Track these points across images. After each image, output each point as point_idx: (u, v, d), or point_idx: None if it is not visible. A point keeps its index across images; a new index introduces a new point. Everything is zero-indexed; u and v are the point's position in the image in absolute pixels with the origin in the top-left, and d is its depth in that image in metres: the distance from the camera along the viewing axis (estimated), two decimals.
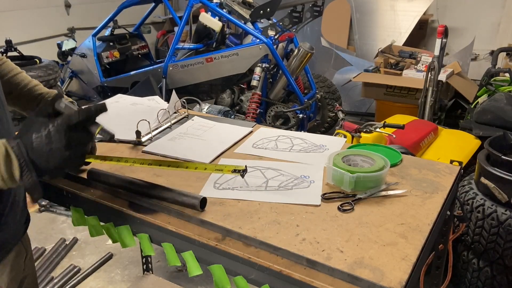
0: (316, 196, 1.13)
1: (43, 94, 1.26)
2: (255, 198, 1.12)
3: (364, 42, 5.44)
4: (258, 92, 3.76)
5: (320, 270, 0.87)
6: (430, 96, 3.53)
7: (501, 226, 2.01)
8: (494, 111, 2.87)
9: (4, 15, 5.00)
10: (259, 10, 3.85)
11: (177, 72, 4.05)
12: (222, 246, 0.96)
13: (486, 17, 5.15)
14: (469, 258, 2.19)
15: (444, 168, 1.29)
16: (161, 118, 1.60)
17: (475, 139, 2.84)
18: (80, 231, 2.98)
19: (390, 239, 0.95)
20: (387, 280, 0.83)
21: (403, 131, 2.37)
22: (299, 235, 0.97)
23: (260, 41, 3.72)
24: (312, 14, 4.15)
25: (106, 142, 1.47)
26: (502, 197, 2.02)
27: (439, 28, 3.37)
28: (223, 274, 0.97)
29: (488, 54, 5.11)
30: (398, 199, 1.12)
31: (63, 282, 2.50)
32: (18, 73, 1.22)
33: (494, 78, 3.56)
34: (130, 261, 2.72)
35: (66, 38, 5.62)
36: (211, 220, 1.02)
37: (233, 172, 1.05)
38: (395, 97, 4.27)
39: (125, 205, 1.11)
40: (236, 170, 1.04)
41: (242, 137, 1.51)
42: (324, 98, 4.33)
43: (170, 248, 1.05)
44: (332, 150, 1.39)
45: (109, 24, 4.64)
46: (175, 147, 1.43)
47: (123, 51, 4.75)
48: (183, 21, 4.04)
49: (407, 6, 5.17)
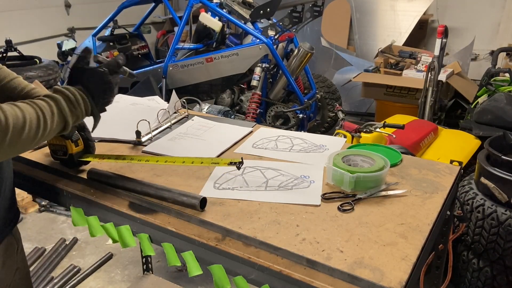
0: (316, 196, 1.13)
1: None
2: (255, 198, 1.12)
3: (364, 42, 5.44)
4: (258, 92, 3.76)
5: (320, 270, 0.87)
6: (430, 96, 3.53)
7: (501, 226, 2.01)
8: (494, 111, 2.87)
9: (4, 15, 5.00)
10: (259, 10, 3.85)
11: (177, 72, 4.05)
12: (222, 246, 0.96)
13: (486, 17, 5.15)
14: (469, 258, 2.19)
15: (444, 168, 1.29)
16: (161, 118, 1.60)
17: (475, 139, 2.84)
18: (80, 231, 2.98)
19: (390, 239, 0.95)
20: (387, 280, 0.83)
21: (403, 131, 2.36)
22: (299, 235, 0.97)
23: (260, 41, 3.72)
24: (312, 14, 4.14)
25: (106, 142, 1.48)
26: (502, 197, 2.02)
27: (439, 28, 3.36)
28: (223, 274, 0.97)
29: (488, 54, 5.11)
30: (398, 199, 1.12)
31: (63, 282, 2.50)
32: (14, 78, 1.23)
33: (494, 78, 3.56)
34: (130, 261, 2.72)
35: (66, 38, 5.61)
36: (211, 220, 1.02)
37: (230, 165, 1.06)
38: (395, 97, 4.27)
39: (125, 205, 1.11)
40: (233, 163, 1.06)
41: (242, 137, 1.51)
42: (324, 98, 4.33)
43: (170, 248, 1.05)
44: (332, 150, 1.39)
45: (109, 24, 4.63)
46: (175, 147, 1.43)
47: (123, 51, 4.74)
48: (183, 21, 4.04)
49: (407, 6, 5.17)
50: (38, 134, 0.95)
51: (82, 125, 1.27)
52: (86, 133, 1.28)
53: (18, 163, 1.35)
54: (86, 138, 1.28)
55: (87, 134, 1.28)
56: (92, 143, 1.30)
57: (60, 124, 1.02)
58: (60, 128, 1.03)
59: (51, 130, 1.00)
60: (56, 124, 1.01)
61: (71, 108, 1.04)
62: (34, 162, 1.32)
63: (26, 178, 1.30)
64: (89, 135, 1.29)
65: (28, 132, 0.92)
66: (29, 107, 0.95)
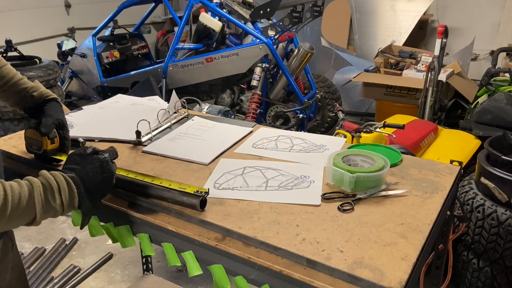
0: (316, 196, 1.13)
1: (27, 89, 1.26)
2: (255, 198, 1.12)
3: (364, 42, 5.44)
4: (258, 92, 3.76)
5: (320, 270, 0.87)
6: (430, 96, 3.53)
7: (501, 226, 2.01)
8: (494, 111, 2.87)
9: (4, 15, 5.00)
10: (259, 10, 3.85)
11: (177, 72, 4.05)
12: (222, 246, 0.96)
13: (486, 17, 5.15)
14: (469, 258, 2.19)
15: (444, 168, 1.29)
16: (161, 118, 1.60)
17: (475, 139, 2.84)
18: (80, 231, 2.98)
19: (390, 239, 0.95)
20: (387, 280, 0.83)
21: (403, 131, 2.36)
22: (299, 235, 0.97)
23: (260, 41, 3.72)
24: (312, 14, 4.14)
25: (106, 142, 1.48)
26: (502, 197, 2.02)
27: (439, 28, 3.36)
28: (223, 274, 0.97)
29: (488, 54, 5.11)
30: (398, 199, 1.12)
31: (63, 282, 2.50)
32: (3, 66, 1.23)
33: (494, 78, 3.55)
34: (130, 261, 2.72)
35: (66, 38, 5.61)
36: (211, 220, 1.02)
37: (195, 193, 1.05)
38: (395, 97, 4.27)
39: (125, 205, 1.11)
40: (199, 191, 1.05)
41: (242, 137, 1.51)
42: (324, 98, 4.33)
43: (170, 248, 1.05)
44: (332, 150, 1.39)
45: (109, 24, 4.63)
46: (175, 147, 1.43)
47: (123, 51, 4.75)
48: (183, 21, 4.04)
49: (407, 6, 5.17)
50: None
51: (61, 123, 1.27)
52: (65, 132, 1.28)
53: (15, 162, 1.35)
54: (63, 137, 1.28)
55: (65, 133, 1.28)
56: (68, 143, 1.30)
57: (26, 215, 0.87)
58: (27, 220, 0.88)
59: (11, 220, 0.85)
60: (20, 213, 0.86)
61: (47, 199, 0.90)
62: (33, 162, 1.32)
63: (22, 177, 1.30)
64: (66, 135, 1.29)
65: None
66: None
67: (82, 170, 0.97)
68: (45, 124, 1.22)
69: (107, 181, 1.00)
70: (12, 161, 1.37)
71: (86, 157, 1.00)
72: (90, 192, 0.97)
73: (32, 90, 1.27)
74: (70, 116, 1.65)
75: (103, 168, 0.99)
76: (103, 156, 1.00)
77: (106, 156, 1.01)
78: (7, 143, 1.46)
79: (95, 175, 0.98)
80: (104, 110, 1.74)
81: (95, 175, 0.98)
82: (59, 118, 1.25)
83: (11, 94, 1.26)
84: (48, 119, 1.22)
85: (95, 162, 0.99)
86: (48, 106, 1.26)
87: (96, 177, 0.98)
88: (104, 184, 1.00)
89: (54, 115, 1.24)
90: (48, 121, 1.22)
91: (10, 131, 3.31)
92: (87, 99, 4.85)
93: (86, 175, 0.97)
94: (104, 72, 4.59)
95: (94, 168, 0.98)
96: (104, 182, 0.99)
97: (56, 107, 1.27)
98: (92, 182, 0.97)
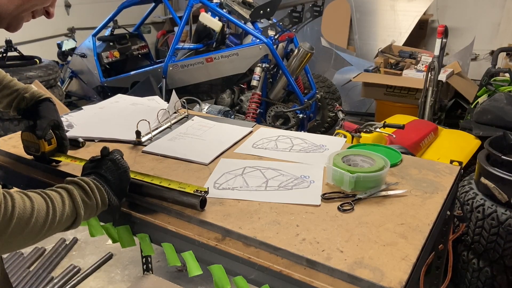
0: (316, 196, 1.13)
1: (19, 90, 1.26)
2: (255, 198, 1.12)
3: (364, 42, 5.44)
4: (258, 92, 3.76)
5: (320, 270, 0.87)
6: (430, 96, 3.53)
7: (501, 226, 2.01)
8: (494, 111, 2.87)
9: None
10: (259, 10, 3.85)
11: (177, 72, 4.05)
12: (222, 246, 0.96)
13: (486, 17, 5.15)
14: (469, 258, 2.19)
15: (444, 168, 1.29)
16: (161, 118, 1.60)
17: (475, 139, 2.84)
18: (80, 231, 2.98)
19: (390, 239, 0.95)
20: (387, 280, 0.83)
21: (403, 131, 2.36)
22: (299, 235, 0.97)
23: (260, 41, 3.72)
24: (312, 14, 4.14)
25: (106, 142, 1.48)
26: (502, 197, 2.02)
27: (439, 28, 3.36)
28: (223, 274, 0.97)
29: (488, 54, 5.11)
30: (398, 199, 1.12)
31: (63, 282, 2.50)
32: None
33: (494, 78, 3.55)
34: (130, 261, 2.72)
35: (66, 38, 5.62)
36: (211, 220, 1.02)
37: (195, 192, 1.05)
38: (395, 97, 4.27)
39: (125, 205, 1.11)
40: (198, 191, 1.06)
41: (242, 137, 1.51)
42: (324, 98, 4.33)
43: (170, 248, 1.05)
44: (332, 150, 1.39)
45: (109, 24, 4.63)
46: (175, 147, 1.43)
47: (123, 51, 4.75)
48: (183, 21, 4.04)
49: (407, 6, 5.17)
50: (44, 229, 0.87)
51: (57, 124, 1.26)
52: (61, 131, 1.28)
53: (15, 162, 1.35)
54: (61, 137, 1.28)
55: (61, 133, 1.28)
56: (66, 143, 1.30)
57: (70, 218, 0.93)
58: (70, 223, 0.94)
59: (59, 224, 0.91)
60: (65, 218, 0.92)
61: (84, 200, 0.96)
62: (33, 162, 1.32)
63: (23, 177, 1.30)
64: (63, 134, 1.28)
65: (33, 226, 0.84)
66: (39, 197, 0.88)
67: (99, 171, 1.03)
68: (40, 126, 1.21)
69: (123, 175, 1.06)
70: (12, 161, 1.37)
71: (98, 161, 1.06)
72: (112, 189, 1.03)
73: (23, 92, 1.25)
74: (70, 116, 1.65)
75: (116, 165, 1.05)
76: (113, 155, 1.06)
77: (115, 154, 1.07)
78: (7, 143, 1.46)
79: (112, 173, 1.04)
80: (104, 110, 1.74)
81: (112, 173, 1.04)
82: (53, 119, 1.24)
83: (3, 97, 1.25)
84: (42, 121, 1.22)
85: (107, 162, 1.05)
86: (42, 107, 1.25)
87: (113, 175, 1.04)
88: (122, 179, 1.05)
89: (49, 116, 1.23)
90: (43, 124, 1.21)
91: (10, 131, 3.31)
92: (87, 99, 4.85)
93: (104, 174, 1.03)
94: (104, 72, 4.59)
95: (109, 167, 1.04)
96: (121, 177, 1.05)
97: (49, 108, 1.26)
98: (111, 180, 1.03)
